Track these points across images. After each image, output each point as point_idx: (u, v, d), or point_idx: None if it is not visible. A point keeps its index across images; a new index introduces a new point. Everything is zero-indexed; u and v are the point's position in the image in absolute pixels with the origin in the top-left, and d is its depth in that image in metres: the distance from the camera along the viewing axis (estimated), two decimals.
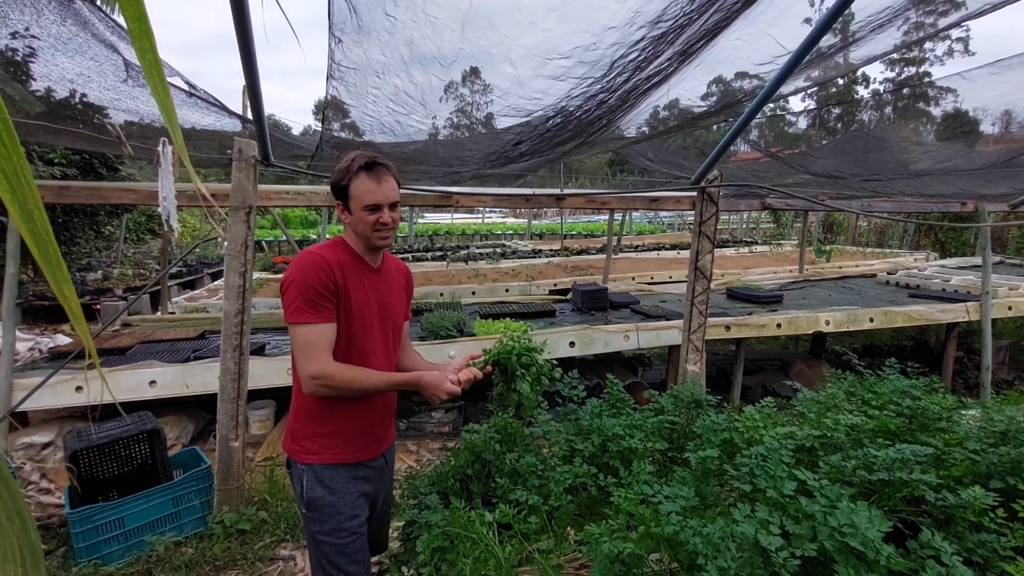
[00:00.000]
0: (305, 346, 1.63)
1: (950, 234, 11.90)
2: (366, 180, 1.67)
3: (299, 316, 1.63)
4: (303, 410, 1.79)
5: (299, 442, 1.78)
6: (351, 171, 1.67)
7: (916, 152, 4.14)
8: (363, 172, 1.67)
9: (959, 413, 2.46)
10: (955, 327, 5.54)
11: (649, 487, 1.82)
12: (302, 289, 1.63)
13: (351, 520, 1.77)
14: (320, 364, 1.63)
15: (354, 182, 1.67)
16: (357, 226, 1.72)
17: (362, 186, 1.67)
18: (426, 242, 17.83)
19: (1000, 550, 1.58)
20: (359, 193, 1.67)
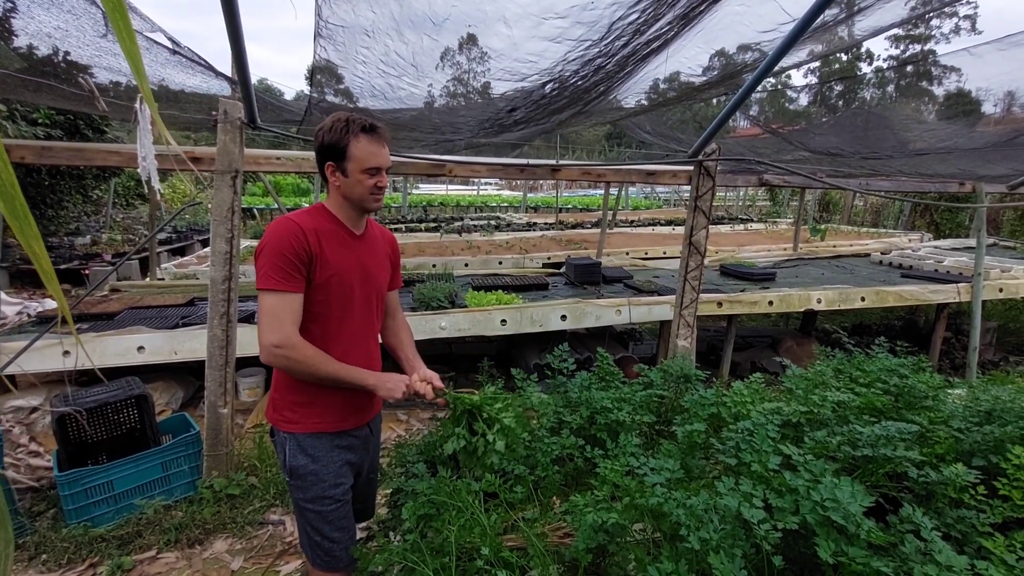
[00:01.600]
0: (270, 313, 1.57)
1: (945, 215, 11.91)
2: (368, 143, 1.62)
3: (267, 282, 1.57)
4: (281, 379, 1.77)
5: (280, 411, 1.76)
6: (351, 131, 1.61)
7: (916, 131, 4.09)
8: (364, 134, 1.62)
9: (945, 392, 2.48)
10: (945, 308, 5.57)
11: (635, 459, 1.82)
12: (272, 256, 1.58)
13: (334, 488, 1.76)
14: (283, 334, 1.57)
15: (354, 143, 1.61)
16: (353, 189, 1.67)
17: (364, 148, 1.62)
18: (420, 213, 17.67)
19: (979, 526, 1.60)
20: (361, 155, 1.62)
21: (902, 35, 38.60)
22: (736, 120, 6.24)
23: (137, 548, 2.81)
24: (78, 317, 4.71)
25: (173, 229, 12.57)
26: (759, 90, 5.91)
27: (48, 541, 2.80)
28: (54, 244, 10.13)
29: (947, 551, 1.32)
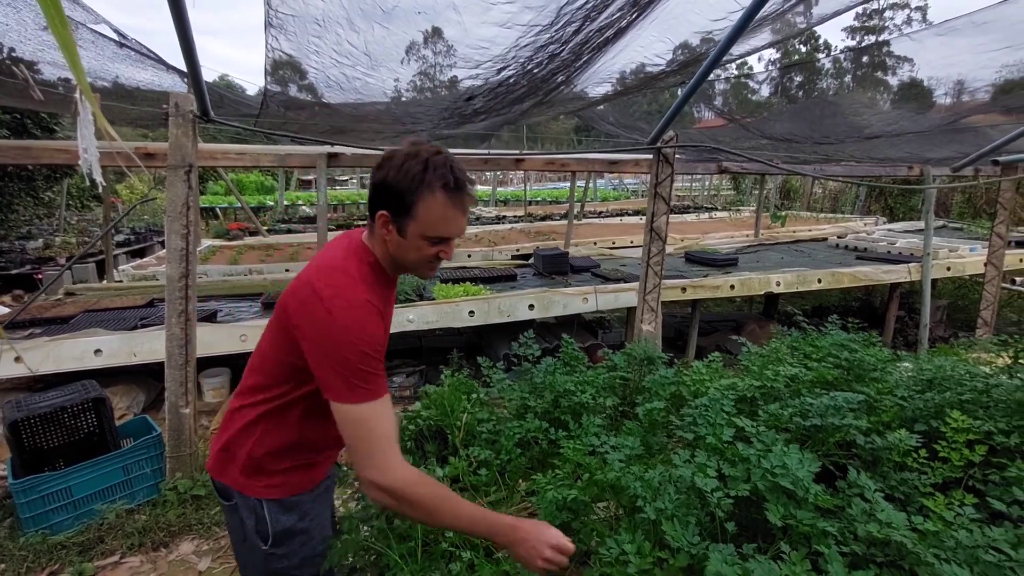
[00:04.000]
0: (368, 438, 1.17)
1: (898, 199, 12.37)
2: (446, 204, 1.19)
3: (357, 394, 1.17)
4: (268, 435, 1.37)
5: (256, 477, 1.36)
6: (427, 182, 1.17)
7: (867, 115, 4.24)
8: (444, 192, 1.18)
9: (893, 365, 2.59)
10: (898, 287, 5.80)
11: (597, 438, 1.86)
12: (359, 356, 1.16)
13: (323, 543, 1.47)
14: (392, 468, 1.18)
15: (428, 201, 1.18)
16: (406, 254, 1.27)
17: (438, 210, 1.19)
18: None
19: (921, 487, 1.68)
20: (431, 218, 1.19)
21: (858, 26, 39.86)
22: (700, 111, 6.36)
23: (99, 554, 2.75)
24: (31, 322, 4.53)
25: (131, 230, 12.17)
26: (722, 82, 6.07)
27: (5, 550, 2.70)
28: (4, 248, 9.71)
29: (889, 510, 1.38)
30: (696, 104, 5.83)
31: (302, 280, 1.26)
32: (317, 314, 1.18)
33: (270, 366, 1.35)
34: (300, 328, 1.21)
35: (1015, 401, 1.83)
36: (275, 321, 1.33)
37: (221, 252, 8.88)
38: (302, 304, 1.21)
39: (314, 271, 1.26)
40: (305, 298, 1.21)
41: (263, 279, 6.67)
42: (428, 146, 1.22)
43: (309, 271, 1.28)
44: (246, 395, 1.40)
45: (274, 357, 1.33)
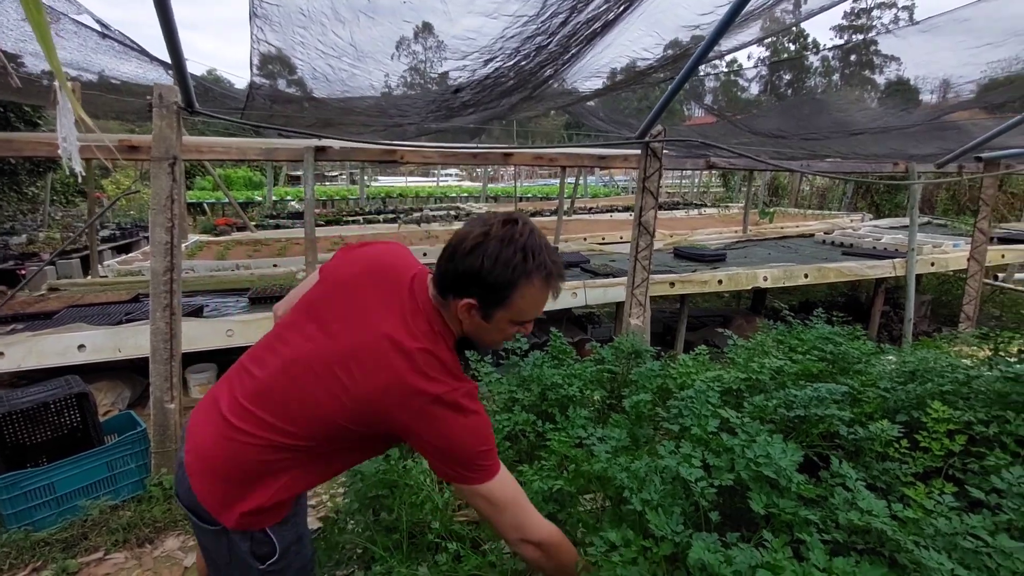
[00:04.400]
0: (507, 506, 1.23)
1: (884, 196, 12.50)
2: (543, 292, 1.19)
3: (483, 475, 1.20)
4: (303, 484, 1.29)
5: (263, 516, 1.26)
6: (527, 273, 1.13)
7: (851, 111, 4.28)
8: (541, 280, 1.16)
9: (877, 358, 2.63)
10: (883, 283, 5.87)
11: (584, 430, 1.87)
12: (484, 452, 1.20)
13: (310, 546, 1.44)
14: (543, 526, 1.27)
15: (525, 291, 1.15)
16: (485, 335, 1.26)
17: (533, 300, 1.18)
18: (378, 204, 17.40)
19: (902, 476, 1.71)
20: (524, 307, 1.18)
21: (846, 25, 40.19)
22: (691, 109, 6.40)
23: (83, 550, 2.71)
24: (13, 317, 4.46)
25: (117, 225, 12.01)
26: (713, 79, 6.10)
27: None
28: None
29: (869, 498, 1.40)
30: (687, 102, 5.87)
31: (398, 376, 1.13)
32: (447, 422, 1.14)
33: (325, 434, 1.21)
34: (412, 431, 1.16)
35: (994, 392, 1.86)
36: (340, 401, 1.16)
37: (208, 247, 8.80)
38: (419, 412, 1.14)
39: (409, 365, 1.14)
40: (422, 404, 1.13)
41: (250, 274, 6.62)
42: (521, 227, 1.15)
43: (397, 359, 1.14)
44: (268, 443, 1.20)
45: (337, 430, 1.19)
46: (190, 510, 1.27)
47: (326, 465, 1.30)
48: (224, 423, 1.24)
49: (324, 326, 1.24)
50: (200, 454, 1.25)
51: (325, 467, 1.30)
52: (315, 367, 1.19)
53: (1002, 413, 1.75)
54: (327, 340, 1.22)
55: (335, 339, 1.21)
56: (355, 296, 1.26)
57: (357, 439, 1.24)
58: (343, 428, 1.18)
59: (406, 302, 1.23)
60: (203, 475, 1.24)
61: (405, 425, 1.15)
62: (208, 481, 1.23)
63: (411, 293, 1.24)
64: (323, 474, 1.32)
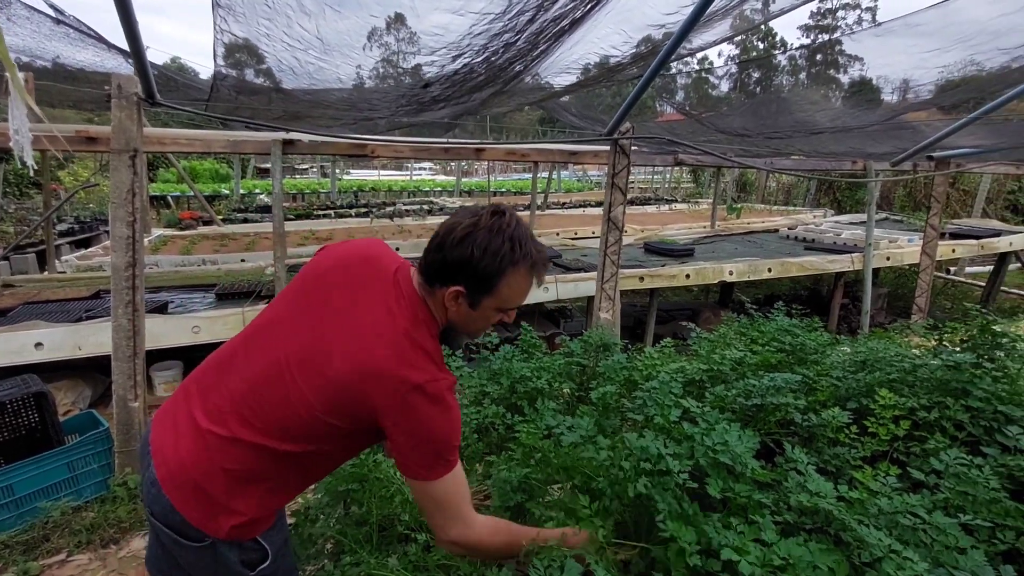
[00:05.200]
0: (449, 502, 1.22)
1: (846, 193, 12.92)
2: (529, 280, 1.22)
3: (442, 470, 1.19)
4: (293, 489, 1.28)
5: (253, 526, 1.23)
6: (515, 262, 1.16)
7: (810, 110, 4.42)
8: (528, 269, 1.19)
9: (832, 348, 2.74)
10: (842, 276, 6.09)
11: (552, 421, 1.91)
12: (454, 437, 1.21)
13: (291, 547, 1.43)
14: (477, 528, 1.25)
15: (511, 279, 1.17)
16: (470, 323, 1.27)
17: (519, 287, 1.20)
18: (350, 198, 17.17)
19: (851, 460, 1.80)
20: (511, 295, 1.20)
21: (812, 25, 41.17)
22: (662, 106, 6.51)
23: (44, 552, 2.65)
24: None
25: (76, 219, 11.58)
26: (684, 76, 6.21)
27: None
28: None
29: (818, 481, 1.48)
30: (659, 98, 5.97)
31: (379, 362, 1.13)
32: (423, 412, 1.13)
33: (305, 433, 1.18)
34: (388, 417, 1.14)
35: (937, 379, 1.97)
36: (323, 394, 1.15)
37: (173, 242, 8.59)
38: (398, 400, 1.12)
39: (391, 351, 1.14)
40: (402, 394, 1.12)
41: (217, 270, 6.49)
42: (508, 217, 1.18)
43: (380, 346, 1.14)
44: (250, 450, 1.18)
45: (317, 428, 1.17)
46: (172, 529, 1.19)
47: (312, 469, 1.28)
48: (201, 431, 1.18)
49: (306, 322, 1.22)
50: (177, 468, 1.18)
51: (311, 471, 1.28)
52: (297, 364, 1.17)
53: (942, 399, 1.85)
54: (309, 335, 1.19)
55: (317, 332, 1.19)
56: (337, 289, 1.25)
57: (340, 437, 1.21)
58: (325, 424, 1.16)
59: (391, 292, 1.22)
60: (184, 490, 1.17)
61: (382, 410, 1.13)
62: (191, 496, 1.17)
63: (396, 283, 1.24)
64: (308, 479, 1.30)
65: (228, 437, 1.17)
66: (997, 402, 1.81)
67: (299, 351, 1.18)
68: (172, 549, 1.24)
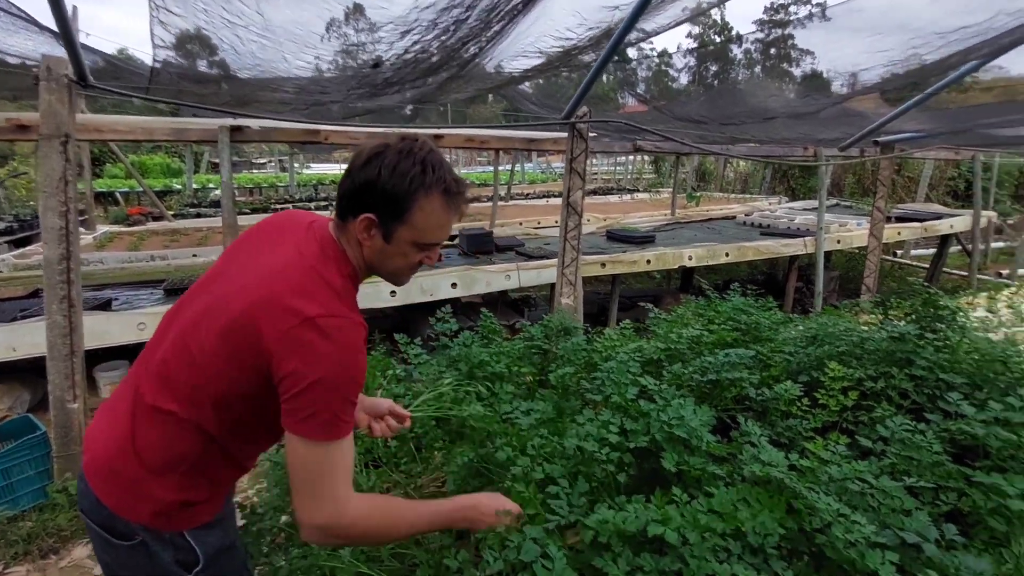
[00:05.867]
0: (320, 475, 1.05)
1: (799, 180, 13.32)
2: (444, 209, 1.12)
3: (328, 430, 1.03)
4: (212, 474, 1.18)
5: (179, 513, 1.15)
6: (426, 185, 1.07)
7: (762, 96, 4.51)
8: (442, 196, 1.10)
9: (785, 326, 2.80)
10: (796, 260, 6.28)
11: (508, 405, 1.89)
12: (349, 389, 1.05)
13: (242, 550, 1.34)
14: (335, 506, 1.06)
15: (425, 205, 1.09)
16: (387, 260, 1.16)
17: (435, 216, 1.11)
18: (310, 192, 16.74)
19: (803, 432, 1.84)
20: (426, 224, 1.11)
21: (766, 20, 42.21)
22: (625, 98, 6.58)
23: None
24: None
25: (15, 217, 10.92)
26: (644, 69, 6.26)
27: None
28: None
29: (771, 451, 1.49)
30: (621, 90, 6.02)
31: (274, 293, 1.04)
32: (313, 348, 1.01)
33: (210, 393, 1.09)
34: (281, 357, 1.02)
35: (883, 351, 2.02)
36: (222, 336, 1.06)
37: (120, 239, 8.23)
38: (288, 333, 1.01)
39: (289, 283, 1.05)
40: (291, 326, 1.01)
41: (167, 265, 6.23)
42: (421, 142, 1.10)
43: (279, 280, 1.06)
44: (163, 423, 1.11)
45: (220, 383, 1.08)
46: (101, 526, 1.13)
47: (229, 447, 1.17)
48: (121, 416, 1.14)
49: (219, 279, 1.17)
50: (101, 453, 1.14)
51: (229, 450, 1.18)
52: (203, 313, 1.10)
53: (888, 370, 1.91)
54: (219, 288, 1.13)
55: (226, 282, 1.13)
56: (252, 246, 1.20)
57: (245, 399, 1.10)
58: (227, 377, 1.06)
59: (301, 235, 1.15)
60: (103, 476, 1.12)
61: (270, 347, 1.02)
62: (112, 481, 1.11)
63: (308, 228, 1.17)
64: (229, 461, 1.20)
65: (151, 406, 1.11)
66: (939, 370, 1.87)
67: (208, 303, 1.12)
68: (106, 553, 1.18)
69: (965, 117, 5.15)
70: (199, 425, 1.11)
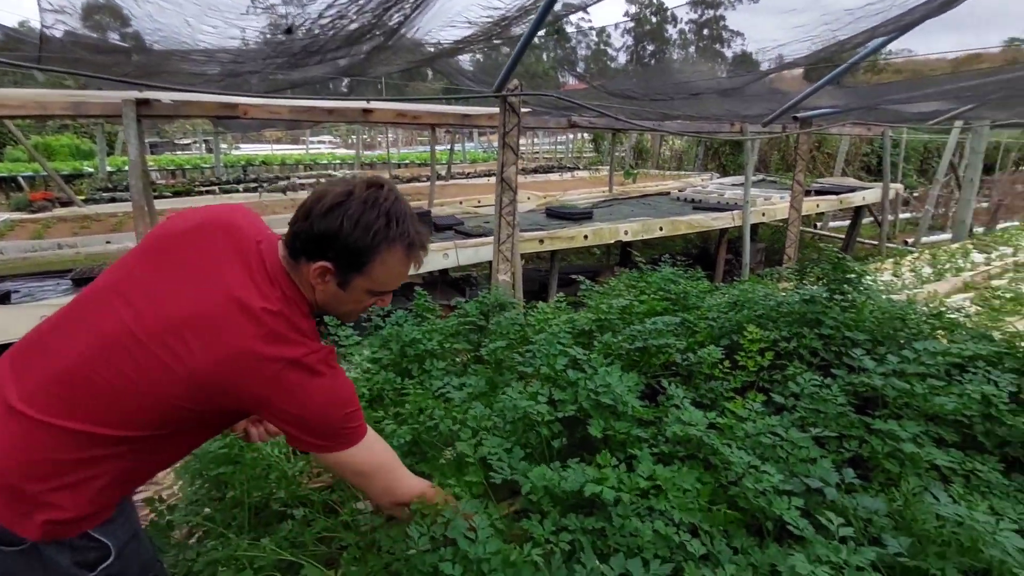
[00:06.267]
0: (375, 471, 1.20)
1: (729, 157, 13.85)
2: (402, 262, 1.11)
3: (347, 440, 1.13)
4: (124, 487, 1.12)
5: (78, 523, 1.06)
6: (390, 239, 1.06)
7: (689, 72, 4.62)
8: (404, 249, 1.09)
9: (711, 294, 2.91)
10: (726, 232, 6.54)
11: (439, 381, 1.86)
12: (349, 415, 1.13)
13: (149, 542, 1.26)
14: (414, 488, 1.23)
15: (387, 258, 1.08)
16: (339, 304, 1.17)
17: (394, 269, 1.11)
18: (238, 173, 15.89)
19: (724, 393, 1.92)
20: (385, 276, 1.11)
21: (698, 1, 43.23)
22: (565, 76, 6.59)
23: None
24: None
25: None
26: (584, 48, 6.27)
27: None
28: None
29: (692, 412, 1.54)
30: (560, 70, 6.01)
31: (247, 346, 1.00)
32: (304, 388, 1.04)
33: (145, 408, 1.02)
34: (271, 402, 1.04)
35: (796, 313, 2.13)
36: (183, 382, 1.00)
37: (22, 226, 7.55)
38: (272, 380, 1.02)
39: (260, 330, 1.01)
40: (275, 371, 1.02)
41: (76, 254, 5.77)
42: (386, 191, 1.07)
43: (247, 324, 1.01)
44: (79, 437, 1.01)
45: (163, 403, 1.02)
46: None
47: (155, 455, 1.12)
48: (15, 416, 1.01)
49: (153, 291, 1.05)
50: None
51: (154, 457, 1.12)
52: (138, 343, 1.00)
53: (800, 330, 2.01)
54: (153, 308, 1.03)
55: (165, 305, 1.03)
56: (189, 257, 1.08)
57: (195, 420, 1.08)
58: (179, 408, 1.02)
59: (253, 264, 1.08)
60: None
61: (258, 396, 1.03)
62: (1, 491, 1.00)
63: (259, 255, 1.09)
64: (152, 466, 1.15)
65: (49, 423, 1.00)
66: (845, 329, 2.00)
67: (148, 325, 1.01)
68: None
69: (876, 94, 5.48)
70: (122, 439, 1.03)
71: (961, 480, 1.45)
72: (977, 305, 4.12)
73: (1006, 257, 5.77)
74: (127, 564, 1.12)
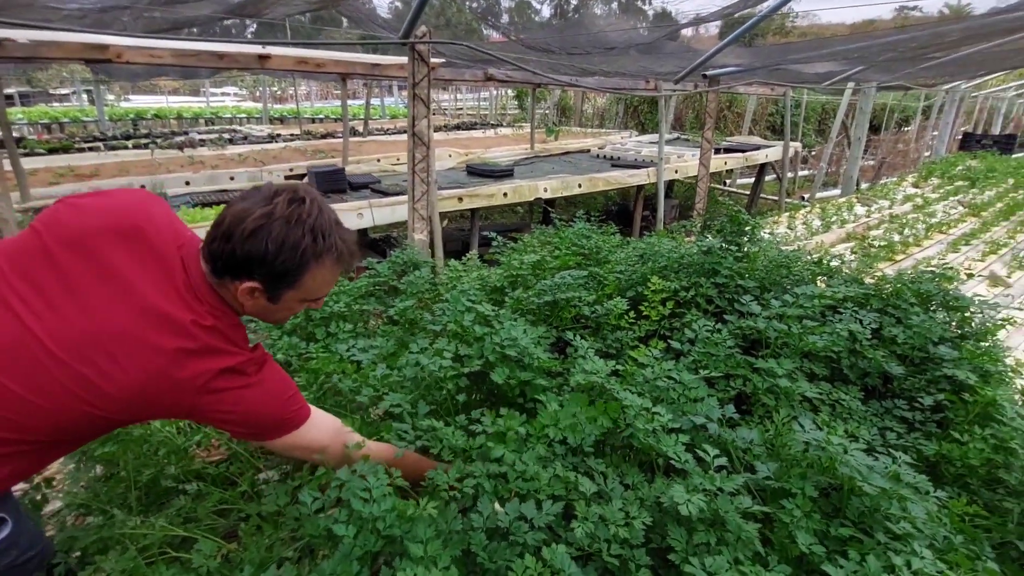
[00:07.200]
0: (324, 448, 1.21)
1: (648, 115, 14.16)
2: (334, 270, 1.12)
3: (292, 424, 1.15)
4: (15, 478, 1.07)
5: None
6: (318, 255, 1.06)
7: (604, 26, 4.61)
8: (332, 261, 1.09)
9: (623, 248, 3.00)
10: (642, 189, 6.73)
11: (345, 344, 1.81)
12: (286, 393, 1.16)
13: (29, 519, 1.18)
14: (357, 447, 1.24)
15: (315, 273, 1.08)
16: (270, 315, 1.18)
17: (324, 279, 1.11)
18: (127, 128, 14.34)
19: (629, 342, 2.00)
20: (315, 287, 1.11)
21: None
22: (488, 31, 6.39)
23: None
24: None
25: None
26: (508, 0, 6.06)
27: None
28: None
29: (595, 362, 1.59)
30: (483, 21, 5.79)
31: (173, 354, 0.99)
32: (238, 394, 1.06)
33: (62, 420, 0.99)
34: (199, 408, 1.05)
35: (695, 264, 2.24)
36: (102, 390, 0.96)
37: None
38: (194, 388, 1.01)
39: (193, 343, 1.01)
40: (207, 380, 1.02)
41: None
42: (308, 204, 1.05)
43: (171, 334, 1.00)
44: None
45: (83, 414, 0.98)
46: None
47: (56, 450, 1.09)
48: None
49: (56, 300, 0.97)
50: None
51: (54, 452, 1.10)
52: (53, 357, 0.94)
53: (698, 280, 2.12)
54: (67, 320, 0.96)
55: (82, 318, 0.96)
56: (105, 261, 1.01)
57: (117, 426, 1.11)
58: (100, 419, 1.00)
59: (177, 275, 1.05)
60: None
61: (191, 406, 1.03)
62: None
63: (181, 264, 1.06)
64: (50, 459, 1.11)
65: None
66: (737, 277, 2.13)
67: (64, 338, 0.95)
68: None
69: (779, 54, 5.73)
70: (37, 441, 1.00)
71: (828, 409, 1.61)
72: (856, 253, 4.54)
73: (883, 210, 6.36)
74: (22, 530, 1.10)
